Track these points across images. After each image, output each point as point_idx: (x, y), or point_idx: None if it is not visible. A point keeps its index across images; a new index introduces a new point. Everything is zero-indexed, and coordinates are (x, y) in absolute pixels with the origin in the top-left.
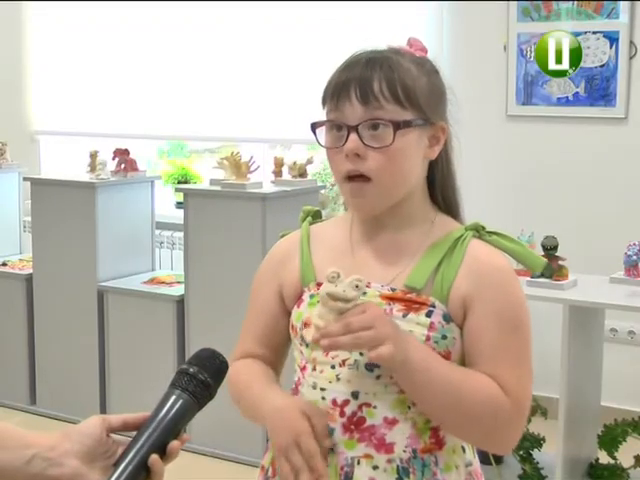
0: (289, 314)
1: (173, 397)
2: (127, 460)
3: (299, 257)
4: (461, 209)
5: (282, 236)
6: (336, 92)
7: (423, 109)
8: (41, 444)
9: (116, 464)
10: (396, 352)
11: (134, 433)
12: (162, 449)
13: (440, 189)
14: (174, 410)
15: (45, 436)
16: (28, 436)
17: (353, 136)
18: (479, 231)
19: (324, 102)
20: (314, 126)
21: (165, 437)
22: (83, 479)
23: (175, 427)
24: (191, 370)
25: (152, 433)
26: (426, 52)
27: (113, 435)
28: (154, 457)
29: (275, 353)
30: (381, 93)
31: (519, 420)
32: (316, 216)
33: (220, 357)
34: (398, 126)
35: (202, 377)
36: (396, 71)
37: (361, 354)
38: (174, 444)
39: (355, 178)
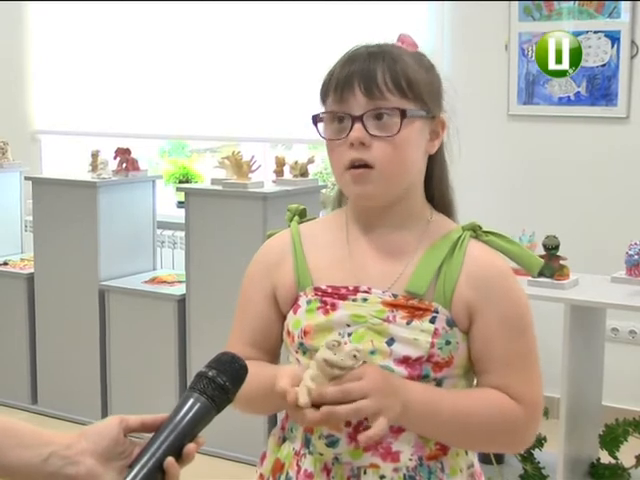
0: (283, 317)
1: (191, 400)
2: (143, 462)
3: (292, 259)
4: (456, 207)
5: (269, 235)
6: (339, 85)
7: (425, 101)
8: (58, 442)
9: (132, 465)
10: (391, 418)
11: (152, 434)
12: (178, 452)
13: (437, 186)
14: (191, 413)
15: (62, 435)
16: (45, 434)
17: (358, 125)
18: (476, 231)
19: (325, 96)
20: (315, 118)
21: (181, 440)
22: (99, 479)
23: (192, 430)
24: (210, 374)
25: (169, 435)
26: (417, 47)
27: (130, 436)
28: (170, 460)
29: (270, 356)
30: (385, 85)
31: (535, 422)
32: (302, 215)
33: (240, 361)
34: (404, 114)
35: (221, 381)
36: (398, 63)
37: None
38: (190, 447)
39: (358, 167)
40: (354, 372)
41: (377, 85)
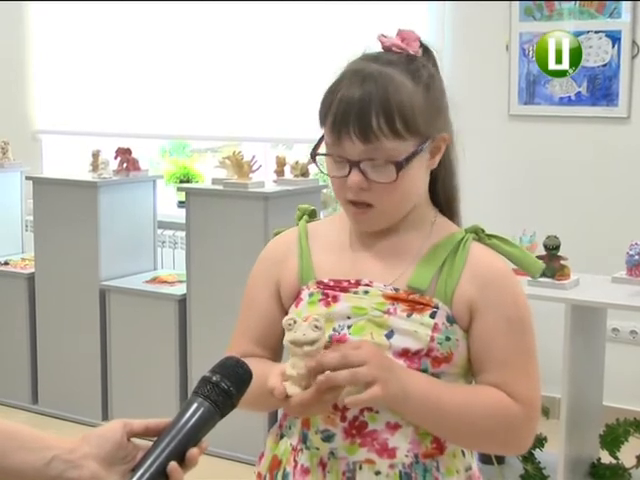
0: (286, 313)
1: (195, 405)
2: (146, 466)
3: (297, 256)
4: (459, 208)
5: (276, 233)
6: (336, 126)
7: (423, 133)
8: (61, 446)
9: (134, 469)
10: (388, 393)
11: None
12: (181, 456)
13: (442, 190)
14: (195, 418)
15: (64, 439)
16: (47, 438)
17: (355, 171)
18: (478, 234)
19: (324, 118)
20: (314, 156)
21: (185, 445)
22: None
23: (195, 435)
24: (214, 378)
25: (172, 440)
26: (418, 40)
27: (134, 439)
28: (173, 464)
29: (273, 352)
30: (380, 130)
31: (533, 422)
32: (312, 215)
33: (244, 366)
34: (400, 166)
35: (225, 386)
36: (392, 98)
37: None
38: (193, 452)
39: (358, 204)
40: (352, 343)
41: (372, 130)
